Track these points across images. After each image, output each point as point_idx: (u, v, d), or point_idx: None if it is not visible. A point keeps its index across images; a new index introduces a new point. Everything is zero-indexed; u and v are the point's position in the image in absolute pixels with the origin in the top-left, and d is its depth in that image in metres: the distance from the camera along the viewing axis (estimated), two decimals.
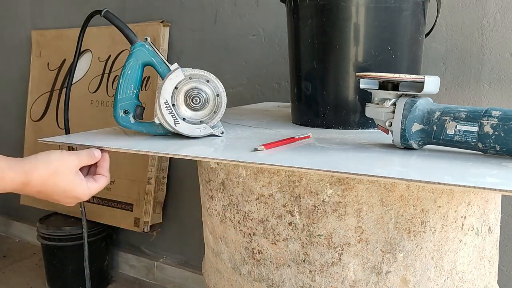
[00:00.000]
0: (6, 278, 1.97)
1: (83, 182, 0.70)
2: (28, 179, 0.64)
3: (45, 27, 2.14)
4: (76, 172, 0.69)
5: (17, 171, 0.64)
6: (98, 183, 0.73)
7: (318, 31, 0.90)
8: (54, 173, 0.66)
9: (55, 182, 0.66)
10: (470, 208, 0.72)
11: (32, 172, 0.64)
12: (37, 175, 0.65)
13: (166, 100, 0.76)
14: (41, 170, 0.65)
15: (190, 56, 1.73)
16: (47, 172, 0.66)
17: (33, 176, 0.64)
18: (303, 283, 0.74)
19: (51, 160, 0.67)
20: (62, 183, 0.67)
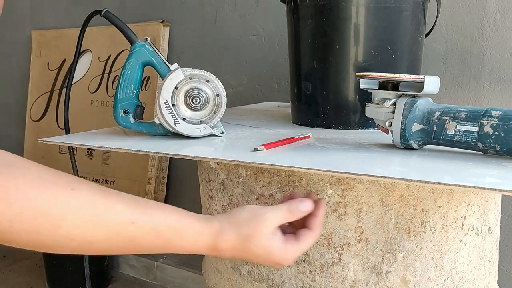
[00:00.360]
0: (6, 278, 1.97)
1: (281, 246, 0.55)
2: (215, 244, 0.54)
3: (45, 27, 2.14)
4: (273, 234, 0.55)
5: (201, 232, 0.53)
6: (302, 243, 0.56)
7: (318, 31, 0.90)
8: (244, 239, 0.54)
9: (245, 248, 0.54)
10: (470, 208, 0.72)
11: (219, 236, 0.53)
12: (224, 241, 0.54)
13: (166, 100, 0.76)
14: (229, 234, 0.54)
15: (190, 56, 1.73)
16: (237, 237, 0.54)
17: (221, 242, 0.54)
18: (303, 283, 0.74)
19: (241, 222, 0.54)
20: (256, 249, 0.54)
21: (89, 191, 0.48)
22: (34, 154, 2.11)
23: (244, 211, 0.56)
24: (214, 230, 0.54)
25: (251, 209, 0.56)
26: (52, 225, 0.45)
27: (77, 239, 0.47)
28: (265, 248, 0.54)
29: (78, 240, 0.47)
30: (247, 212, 0.55)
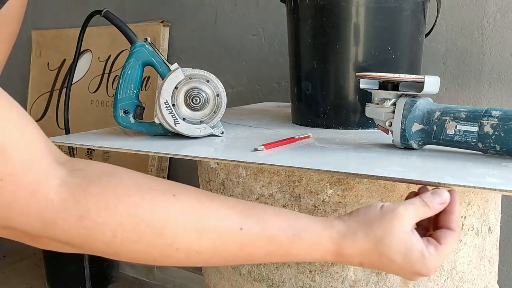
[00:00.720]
0: (6, 278, 1.97)
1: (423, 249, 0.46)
2: (340, 249, 0.46)
3: (45, 27, 2.14)
4: (410, 234, 0.46)
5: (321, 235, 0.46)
6: (444, 246, 0.47)
7: (318, 31, 0.90)
8: (378, 241, 0.45)
9: (378, 252, 0.46)
10: (470, 208, 0.72)
11: (345, 239, 0.46)
12: (351, 244, 0.46)
13: (166, 100, 0.76)
14: (357, 236, 0.46)
15: (190, 56, 1.73)
16: (367, 238, 0.46)
17: (347, 247, 0.46)
18: (303, 283, 0.74)
19: (371, 221, 0.47)
20: (392, 253, 0.46)
21: (191, 196, 0.45)
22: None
23: (372, 209, 0.48)
24: (338, 232, 0.46)
25: (379, 205, 0.48)
26: (155, 234, 0.42)
27: (182, 248, 0.43)
28: (404, 251, 0.45)
29: (184, 249, 0.43)
30: (375, 209, 0.48)
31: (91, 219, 0.40)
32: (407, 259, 0.46)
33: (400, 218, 0.46)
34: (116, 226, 0.41)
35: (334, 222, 0.47)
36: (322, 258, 0.47)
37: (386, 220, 0.46)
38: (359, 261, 0.47)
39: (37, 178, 0.39)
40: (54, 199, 0.40)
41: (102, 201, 0.41)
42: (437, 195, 0.49)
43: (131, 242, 0.42)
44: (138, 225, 0.41)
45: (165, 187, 0.44)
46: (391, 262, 0.46)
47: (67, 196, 0.40)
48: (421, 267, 0.46)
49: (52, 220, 0.40)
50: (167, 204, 0.43)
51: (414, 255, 0.46)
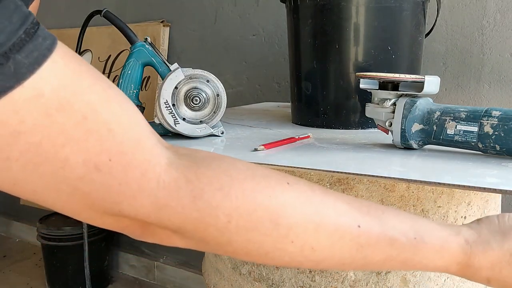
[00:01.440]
0: (6, 278, 1.97)
1: None
2: (468, 260, 0.41)
3: (45, 27, 2.13)
4: None
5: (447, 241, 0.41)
6: None
7: (318, 31, 0.90)
8: None
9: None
10: (470, 208, 0.72)
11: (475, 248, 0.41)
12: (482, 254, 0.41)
13: (166, 100, 0.76)
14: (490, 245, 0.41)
15: (190, 56, 1.73)
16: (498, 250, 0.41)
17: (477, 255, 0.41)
18: (303, 283, 0.74)
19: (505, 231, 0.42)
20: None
21: (307, 187, 0.41)
22: None
23: (504, 217, 0.44)
24: (467, 240, 0.41)
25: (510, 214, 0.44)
26: (271, 221, 0.38)
27: (297, 242, 0.39)
28: None
29: (299, 243, 0.39)
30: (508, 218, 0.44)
31: (205, 201, 0.37)
32: None
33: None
34: (232, 210, 0.37)
35: (461, 228, 0.43)
36: (446, 268, 0.42)
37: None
38: (488, 275, 0.42)
39: (146, 157, 0.36)
40: (165, 179, 0.37)
41: (215, 182, 0.37)
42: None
43: (246, 230, 0.38)
44: (255, 211, 0.38)
45: (279, 176, 0.41)
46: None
47: (178, 176, 0.37)
48: None
49: (165, 201, 0.37)
50: (282, 191, 0.39)
51: None
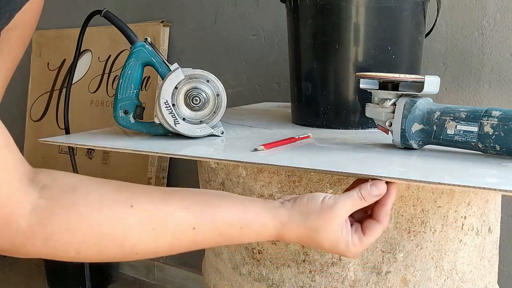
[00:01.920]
0: (6, 278, 1.97)
1: (348, 240, 0.54)
2: (281, 235, 0.53)
3: (45, 27, 2.13)
4: (341, 226, 0.53)
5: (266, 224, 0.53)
6: (368, 237, 0.54)
7: (318, 31, 0.90)
8: (312, 230, 0.52)
9: (312, 239, 0.53)
10: (470, 208, 0.72)
11: (286, 227, 0.53)
12: (290, 231, 0.53)
13: (166, 100, 0.76)
14: (296, 225, 0.53)
15: (190, 56, 1.73)
16: (304, 229, 0.52)
17: (287, 233, 0.53)
18: (303, 283, 0.74)
19: (310, 214, 0.52)
20: (322, 241, 0.53)
21: (149, 204, 0.49)
22: (34, 154, 2.11)
23: (314, 201, 0.53)
24: (281, 221, 0.52)
25: (321, 198, 0.53)
26: (116, 245, 0.47)
27: (140, 252, 0.48)
28: (332, 241, 0.53)
29: (142, 252, 0.48)
30: (317, 202, 0.53)
31: (56, 241, 0.44)
32: (333, 245, 0.53)
33: (337, 214, 0.52)
34: (79, 244, 0.45)
35: (279, 211, 0.53)
36: (264, 240, 0.54)
37: (325, 215, 0.52)
38: (296, 241, 0.54)
39: (12, 210, 0.43)
40: (23, 226, 0.44)
41: (65, 223, 0.44)
42: (374, 187, 0.54)
43: (94, 255, 0.46)
44: (100, 241, 0.46)
45: (125, 197, 0.48)
46: (321, 246, 0.54)
47: (35, 222, 0.44)
48: (344, 253, 0.54)
49: (21, 243, 0.44)
50: (126, 217, 0.47)
51: (340, 244, 0.53)
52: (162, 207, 0.49)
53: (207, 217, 0.51)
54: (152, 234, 0.48)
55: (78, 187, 0.47)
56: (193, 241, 0.51)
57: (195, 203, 0.51)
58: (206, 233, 0.51)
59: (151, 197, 0.50)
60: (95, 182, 0.49)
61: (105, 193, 0.48)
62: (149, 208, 0.48)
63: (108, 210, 0.46)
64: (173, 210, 0.49)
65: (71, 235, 0.44)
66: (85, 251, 0.45)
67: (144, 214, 0.48)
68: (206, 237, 0.51)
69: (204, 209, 0.51)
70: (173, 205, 0.50)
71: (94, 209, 0.46)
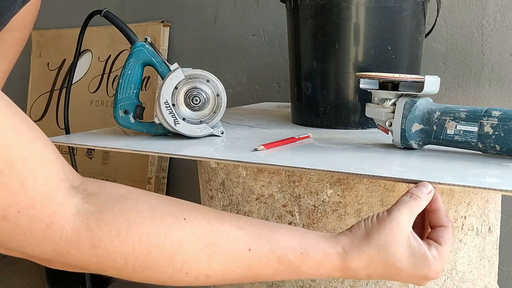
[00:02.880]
0: (6, 278, 1.97)
1: (425, 250, 0.47)
2: (347, 264, 0.47)
3: (45, 27, 2.13)
4: (412, 237, 0.47)
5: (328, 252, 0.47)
6: (443, 246, 0.48)
7: (318, 31, 0.90)
8: (381, 249, 0.46)
9: (384, 260, 0.46)
10: (470, 208, 0.72)
11: (349, 254, 0.47)
12: (357, 257, 0.47)
13: (166, 100, 0.76)
14: (361, 248, 0.47)
15: (190, 56, 1.73)
16: (370, 248, 0.47)
17: (353, 260, 0.47)
18: (303, 283, 0.74)
19: (370, 232, 0.47)
20: (396, 260, 0.46)
21: (203, 219, 0.46)
22: None
23: (369, 220, 0.49)
24: (344, 247, 0.47)
25: (376, 215, 0.49)
26: (166, 259, 0.43)
27: (191, 273, 0.44)
28: (408, 257, 0.46)
29: (193, 274, 0.44)
30: (373, 220, 0.49)
31: (103, 248, 0.41)
32: (412, 264, 0.46)
33: (398, 222, 0.47)
34: (128, 254, 0.42)
35: (339, 238, 0.48)
36: (329, 274, 0.47)
37: (385, 227, 0.47)
38: (366, 273, 0.48)
39: (54, 210, 0.40)
40: (68, 229, 0.41)
41: (114, 229, 0.42)
42: (422, 187, 0.50)
43: (142, 269, 0.43)
44: (149, 253, 0.42)
45: (178, 210, 0.45)
46: (398, 270, 0.47)
47: (81, 225, 0.41)
48: (428, 270, 0.47)
49: (66, 250, 0.41)
50: (178, 229, 0.44)
51: (418, 259, 0.47)
52: (217, 224, 0.46)
53: (264, 238, 0.46)
54: (205, 251, 0.44)
55: (128, 197, 0.45)
56: (249, 266, 0.45)
57: (251, 224, 0.47)
58: (262, 257, 0.46)
59: (205, 213, 0.47)
60: (146, 194, 0.47)
61: (157, 205, 0.45)
62: (203, 223, 0.45)
63: (159, 221, 0.43)
64: (228, 228, 0.46)
65: (120, 242, 0.42)
66: (133, 262, 0.42)
67: (197, 228, 0.45)
68: (263, 263, 0.46)
69: (261, 231, 0.47)
70: (228, 223, 0.46)
71: (145, 218, 0.43)
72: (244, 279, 0.46)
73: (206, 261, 0.44)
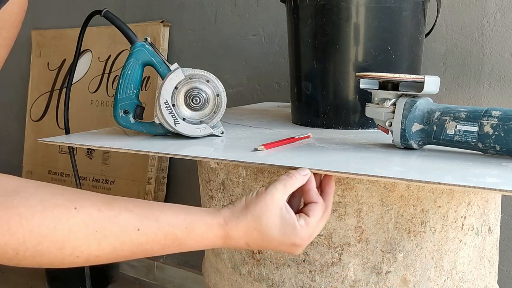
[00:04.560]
0: (6, 278, 1.97)
1: (294, 220, 0.54)
2: (227, 233, 0.53)
3: (45, 27, 2.14)
4: (284, 209, 0.54)
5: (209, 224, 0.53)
6: (311, 217, 0.55)
7: (318, 31, 0.90)
8: (256, 219, 0.53)
9: (260, 230, 0.53)
10: (470, 208, 0.72)
11: (229, 224, 0.53)
12: (236, 227, 0.53)
13: (166, 100, 0.76)
14: (239, 219, 0.53)
15: (190, 56, 1.73)
16: (247, 219, 0.53)
17: (232, 229, 0.53)
18: (303, 283, 0.74)
19: (248, 204, 0.54)
20: (269, 229, 0.53)
21: (93, 207, 0.48)
22: (34, 154, 2.11)
23: (249, 195, 0.55)
24: (224, 219, 0.53)
25: (255, 191, 0.55)
26: (56, 248, 0.46)
27: (82, 255, 0.48)
28: (279, 225, 0.53)
29: (84, 256, 0.48)
30: (252, 195, 0.55)
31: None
32: (282, 232, 0.53)
33: (272, 195, 0.54)
34: (18, 245, 0.44)
35: (221, 211, 0.54)
36: (213, 244, 0.53)
37: (261, 200, 0.54)
38: (245, 241, 0.54)
39: None
40: None
41: (5, 224, 0.44)
42: (300, 170, 0.57)
43: (33, 257, 0.46)
44: (40, 243, 0.45)
45: (68, 200, 0.48)
46: (270, 237, 0.54)
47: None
48: (295, 238, 0.54)
49: None
50: (68, 219, 0.47)
51: (288, 228, 0.53)
52: (106, 211, 0.49)
53: (151, 217, 0.51)
54: (95, 236, 0.47)
55: (19, 191, 0.47)
56: (138, 244, 0.50)
57: (139, 206, 0.51)
58: (150, 235, 0.50)
59: (95, 201, 0.49)
60: (38, 185, 0.49)
61: (48, 197, 0.47)
62: (92, 211, 0.48)
63: (50, 213, 0.46)
64: (117, 213, 0.49)
65: (10, 236, 0.44)
66: (23, 252, 0.45)
67: (86, 216, 0.47)
68: (151, 240, 0.50)
69: (149, 211, 0.51)
70: (117, 208, 0.50)
71: (36, 212, 0.45)
72: (134, 256, 0.51)
73: (96, 244, 0.48)
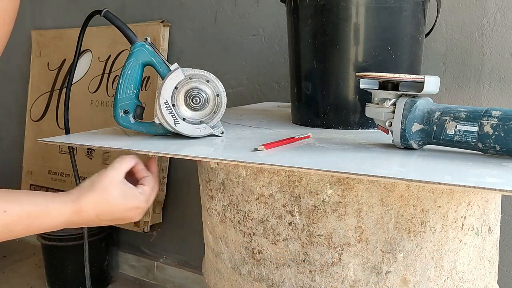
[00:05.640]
0: (6, 278, 1.97)
1: (134, 189, 0.67)
2: (78, 206, 0.62)
3: (45, 27, 2.14)
4: (123, 182, 0.67)
5: (63, 201, 0.62)
6: (146, 185, 0.70)
7: (318, 31, 0.90)
8: (103, 191, 0.64)
9: (107, 199, 0.64)
10: (470, 208, 0.72)
11: (79, 198, 0.63)
12: (85, 199, 0.63)
13: (166, 100, 0.76)
14: (88, 193, 0.63)
15: (190, 56, 1.73)
16: (95, 193, 0.63)
17: (82, 202, 0.63)
18: (303, 283, 0.74)
19: (93, 182, 0.65)
20: (115, 198, 0.65)
21: None
22: (34, 154, 2.11)
23: (93, 176, 0.66)
24: (76, 196, 0.63)
25: (97, 173, 0.66)
26: None
27: None
28: (123, 193, 0.65)
29: None
30: (94, 176, 0.66)
31: None
32: (125, 200, 0.66)
33: (113, 172, 0.66)
34: None
35: (72, 191, 0.64)
36: (68, 219, 0.62)
37: (104, 177, 0.65)
38: (95, 213, 0.64)
39: None
40: None
41: None
42: (129, 155, 0.71)
43: None
44: None
45: None
46: (116, 206, 0.65)
47: None
48: (138, 201, 0.67)
49: None
50: None
51: (129, 196, 0.66)
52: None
53: (16, 201, 0.58)
54: None
55: None
56: (4, 225, 0.57)
57: (7, 193, 0.59)
58: (15, 216, 0.57)
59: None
60: None
61: None
62: None
63: None
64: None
65: None
66: None
67: None
68: (15, 220, 0.57)
69: (14, 195, 0.60)
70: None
71: None
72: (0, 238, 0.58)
73: None
